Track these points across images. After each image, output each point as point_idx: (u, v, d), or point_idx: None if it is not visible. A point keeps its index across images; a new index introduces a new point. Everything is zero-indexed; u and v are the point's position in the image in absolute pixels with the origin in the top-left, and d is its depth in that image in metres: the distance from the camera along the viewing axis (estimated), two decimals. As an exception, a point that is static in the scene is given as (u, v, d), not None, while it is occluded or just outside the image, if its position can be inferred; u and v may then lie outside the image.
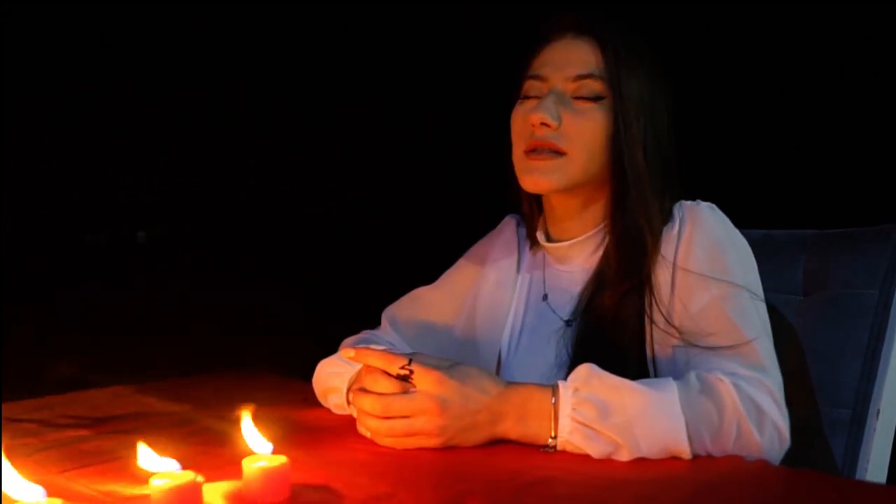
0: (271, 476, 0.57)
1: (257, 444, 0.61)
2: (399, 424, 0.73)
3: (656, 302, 0.86)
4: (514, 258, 1.06)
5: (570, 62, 0.93)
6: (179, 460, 0.55)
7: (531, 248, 1.05)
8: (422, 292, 1.08)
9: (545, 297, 0.99)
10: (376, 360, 0.77)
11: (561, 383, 0.75)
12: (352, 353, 0.82)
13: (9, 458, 0.51)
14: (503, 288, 1.04)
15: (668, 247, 0.88)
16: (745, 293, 0.86)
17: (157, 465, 0.56)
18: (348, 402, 0.88)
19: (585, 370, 0.76)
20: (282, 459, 0.59)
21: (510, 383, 0.78)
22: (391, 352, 0.80)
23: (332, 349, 1.01)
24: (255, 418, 0.64)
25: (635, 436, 0.70)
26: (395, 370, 0.75)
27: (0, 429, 0.75)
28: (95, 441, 0.76)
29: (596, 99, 0.91)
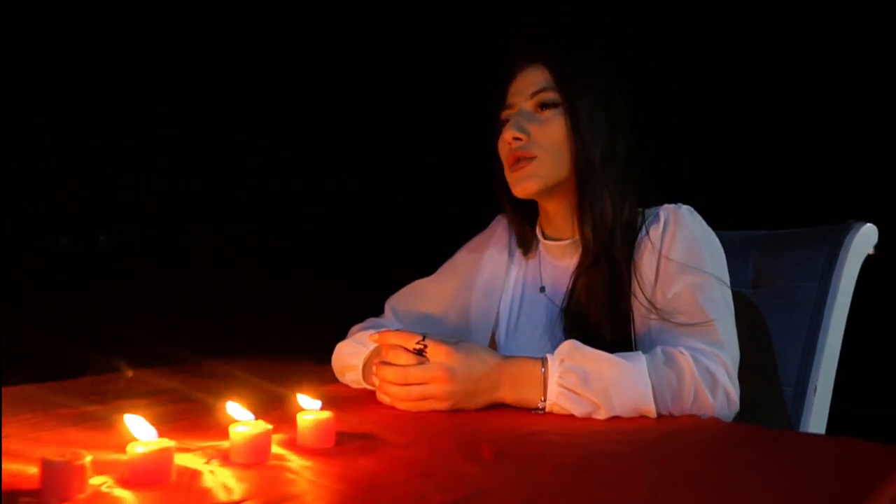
0: (321, 426, 0.70)
1: (308, 403, 0.74)
2: (415, 390, 0.87)
3: (640, 286, 1.01)
4: (506, 253, 1.21)
5: (527, 85, 1.08)
6: (254, 413, 0.68)
7: (524, 246, 1.19)
8: (421, 283, 1.23)
9: (542, 290, 1.14)
10: (396, 339, 0.91)
11: (549, 356, 0.89)
12: (375, 335, 0.95)
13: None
14: (496, 278, 1.18)
15: (656, 241, 1.04)
16: (714, 282, 1.01)
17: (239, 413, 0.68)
18: (363, 378, 1.03)
19: (569, 345, 0.90)
20: (328, 414, 0.72)
21: (506, 356, 0.92)
22: (408, 331, 0.93)
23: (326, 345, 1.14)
24: (302, 387, 0.77)
25: (611, 398, 0.85)
26: (411, 346, 0.89)
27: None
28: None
29: (553, 105, 1.06)
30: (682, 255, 1.03)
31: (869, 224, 1.24)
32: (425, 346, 0.88)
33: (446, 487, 0.58)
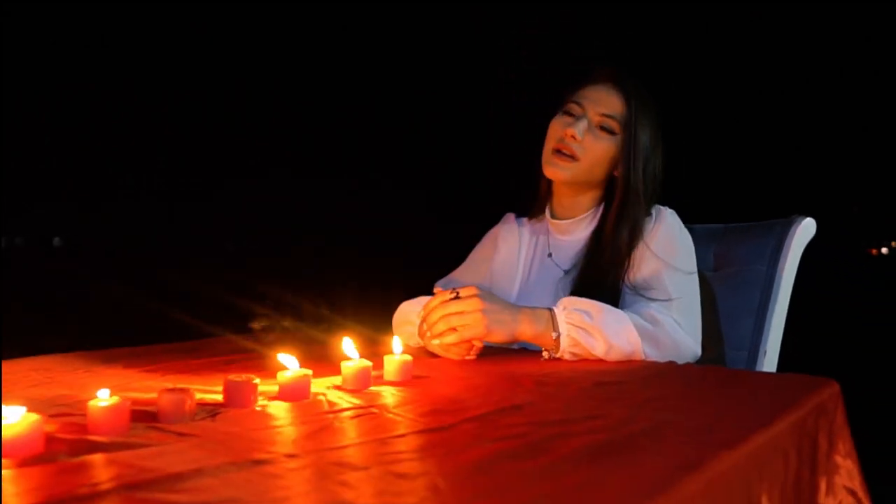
0: (405, 365, 0.94)
1: (397, 347, 0.98)
2: (455, 318, 1.06)
3: (630, 267, 1.28)
4: (517, 237, 1.47)
5: (602, 102, 1.34)
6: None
7: (534, 218, 1.45)
8: (457, 272, 1.50)
9: (550, 255, 1.40)
10: (439, 295, 1.12)
11: (557, 306, 1.13)
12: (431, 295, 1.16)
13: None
14: (511, 256, 1.45)
15: (646, 234, 1.31)
16: (681, 272, 1.28)
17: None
18: (418, 333, 1.23)
19: (567, 299, 1.15)
20: (409, 357, 0.95)
21: (525, 307, 1.15)
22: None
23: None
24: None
25: (609, 330, 1.09)
26: (448, 295, 1.10)
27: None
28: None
29: (611, 132, 1.33)
30: (660, 247, 1.30)
31: (809, 218, 1.51)
32: (458, 293, 1.09)
33: (507, 399, 0.83)
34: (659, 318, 1.17)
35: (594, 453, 0.63)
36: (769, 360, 1.45)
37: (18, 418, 0.60)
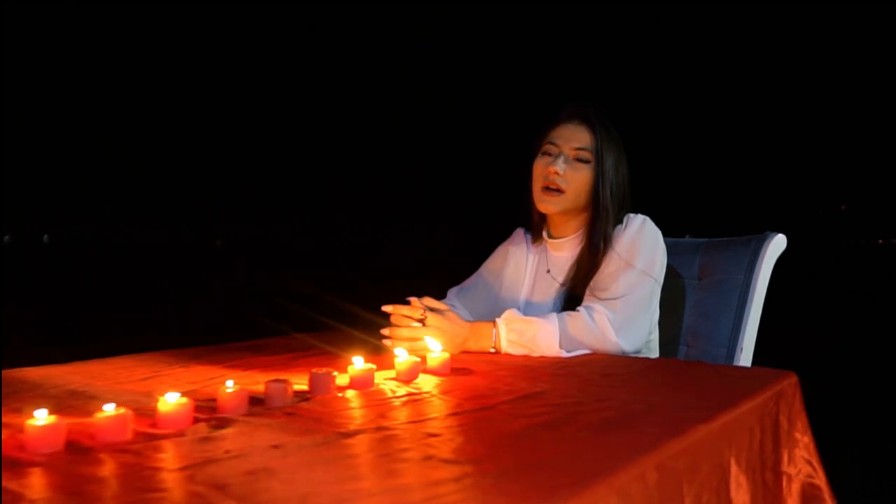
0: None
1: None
2: (420, 343, 1.28)
3: (598, 270, 1.50)
4: (524, 251, 1.69)
5: (573, 138, 1.55)
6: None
7: (535, 242, 1.67)
8: (470, 279, 1.71)
9: (548, 271, 1.62)
10: (406, 311, 1.34)
11: (497, 320, 1.38)
12: (389, 307, 1.35)
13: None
14: (519, 268, 1.67)
15: (615, 238, 1.52)
16: (637, 271, 1.48)
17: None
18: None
19: (510, 313, 1.39)
20: (416, 359, 1.16)
21: (473, 322, 1.40)
22: (413, 306, 1.35)
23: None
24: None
25: (537, 344, 1.34)
26: (417, 316, 1.33)
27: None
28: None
29: (586, 162, 1.54)
30: (623, 249, 1.51)
31: (780, 234, 1.73)
32: (425, 317, 1.33)
33: (531, 387, 1.04)
34: (597, 317, 1.40)
35: (603, 425, 0.84)
36: (745, 356, 1.67)
37: (175, 399, 0.81)
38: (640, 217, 1.55)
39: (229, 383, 0.89)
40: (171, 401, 0.81)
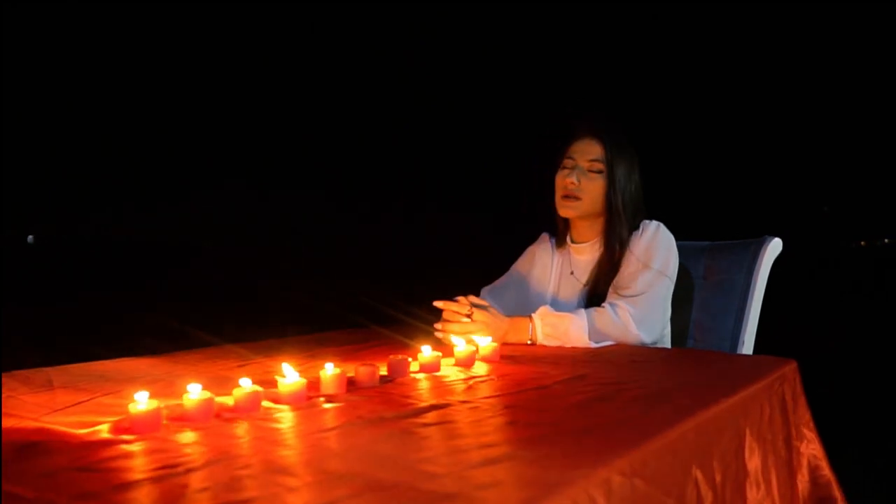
0: (469, 356, 1.32)
1: (483, 342, 1.36)
2: (469, 337, 1.44)
3: (618, 270, 1.68)
4: (550, 254, 1.87)
5: (587, 152, 1.73)
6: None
7: (560, 247, 1.85)
8: (501, 279, 1.88)
9: (572, 273, 1.80)
10: (455, 307, 1.51)
11: (533, 315, 1.56)
12: (440, 303, 1.54)
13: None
14: (545, 270, 1.85)
15: (633, 242, 1.70)
16: (654, 272, 1.66)
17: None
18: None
19: (544, 309, 1.57)
20: (472, 348, 1.33)
21: (512, 317, 1.57)
22: (461, 303, 1.53)
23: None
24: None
25: (569, 336, 1.52)
26: (464, 312, 1.51)
27: None
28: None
29: (599, 172, 1.72)
30: (640, 252, 1.70)
31: (777, 238, 1.92)
32: (471, 313, 1.51)
33: (574, 371, 1.22)
34: (620, 312, 1.58)
35: (644, 399, 1.02)
36: (746, 347, 1.86)
37: (294, 379, 0.98)
38: (655, 223, 1.74)
39: (329, 366, 1.06)
40: (289, 381, 0.98)
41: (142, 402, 0.84)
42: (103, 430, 0.84)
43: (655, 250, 1.68)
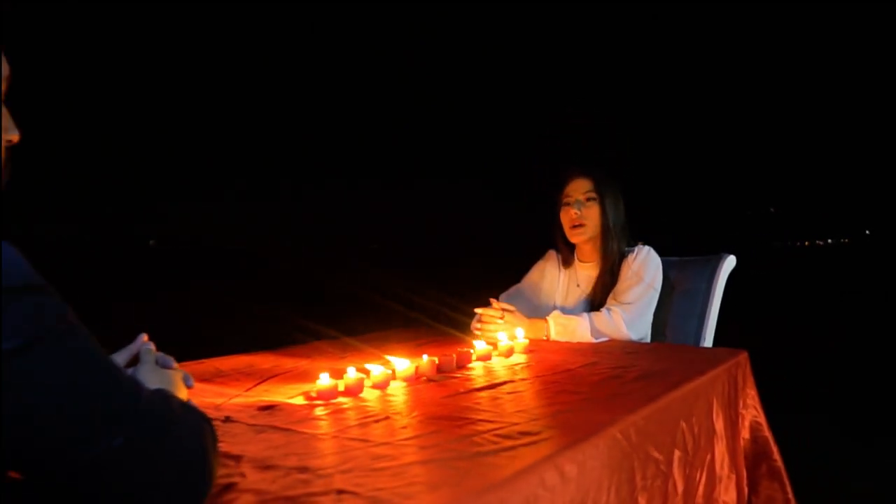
0: (510, 349, 1.76)
1: (520, 338, 1.79)
2: (504, 335, 1.90)
3: (616, 283, 2.14)
4: (557, 269, 2.32)
5: (581, 188, 2.20)
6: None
7: (566, 264, 2.31)
8: (514, 288, 2.33)
9: (578, 285, 2.26)
10: (491, 312, 1.96)
11: (548, 317, 2.01)
12: (480, 310, 2.00)
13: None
14: (553, 282, 2.30)
15: (630, 261, 2.17)
16: (644, 285, 2.13)
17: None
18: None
19: (556, 312, 2.02)
20: (510, 343, 1.77)
21: (531, 318, 2.01)
22: (495, 309, 1.99)
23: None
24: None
25: (577, 334, 1.97)
26: (498, 315, 1.95)
27: None
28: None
29: (593, 199, 2.19)
30: (635, 269, 2.17)
31: (731, 255, 2.41)
32: (503, 315, 1.95)
33: (585, 360, 1.66)
34: (614, 316, 2.03)
35: (644, 377, 1.47)
36: (707, 342, 2.34)
37: (406, 365, 1.40)
38: (647, 247, 2.22)
39: (424, 357, 1.48)
40: (402, 366, 1.40)
41: (350, 374, 1.28)
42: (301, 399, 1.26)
43: (646, 268, 2.15)
